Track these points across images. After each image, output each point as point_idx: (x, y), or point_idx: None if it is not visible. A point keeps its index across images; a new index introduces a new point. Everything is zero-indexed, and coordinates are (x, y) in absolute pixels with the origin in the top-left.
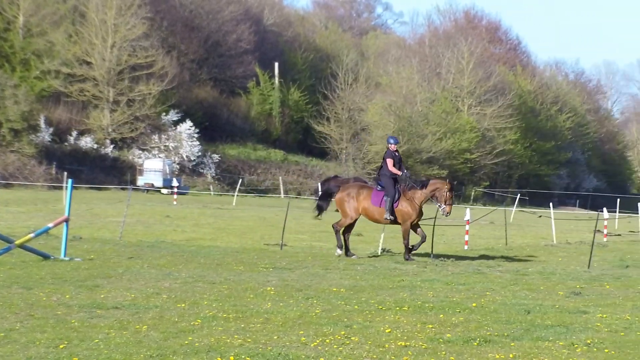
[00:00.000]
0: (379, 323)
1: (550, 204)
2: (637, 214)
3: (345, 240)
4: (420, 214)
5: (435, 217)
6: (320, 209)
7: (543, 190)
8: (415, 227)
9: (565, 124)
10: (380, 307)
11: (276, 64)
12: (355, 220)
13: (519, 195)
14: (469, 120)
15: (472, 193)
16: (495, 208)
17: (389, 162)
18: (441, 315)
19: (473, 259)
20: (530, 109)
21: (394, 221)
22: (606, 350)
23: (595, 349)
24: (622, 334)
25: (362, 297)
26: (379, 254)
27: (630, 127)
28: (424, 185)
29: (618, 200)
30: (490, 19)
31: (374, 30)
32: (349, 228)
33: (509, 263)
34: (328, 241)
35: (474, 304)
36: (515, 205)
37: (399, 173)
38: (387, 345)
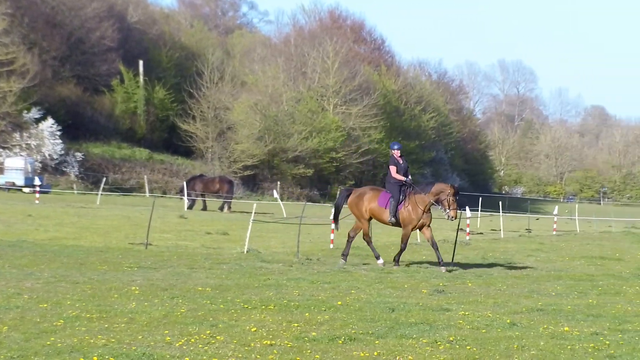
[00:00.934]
0: (244, 322)
1: None
2: (499, 212)
3: (348, 244)
4: (424, 218)
5: (302, 217)
6: (336, 217)
7: None
8: (426, 232)
9: (428, 124)
10: (246, 306)
11: (140, 62)
12: (368, 221)
13: None
14: (334, 119)
15: (338, 191)
16: None
17: (392, 169)
18: (307, 314)
19: (339, 257)
20: (395, 109)
21: (397, 224)
22: (468, 347)
23: (457, 346)
24: (483, 331)
25: (228, 296)
26: (245, 252)
27: (492, 127)
28: (428, 190)
29: (480, 199)
30: (355, 18)
31: (239, 29)
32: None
33: (374, 262)
34: (194, 240)
35: (339, 302)
36: None
37: (403, 179)
38: (252, 344)
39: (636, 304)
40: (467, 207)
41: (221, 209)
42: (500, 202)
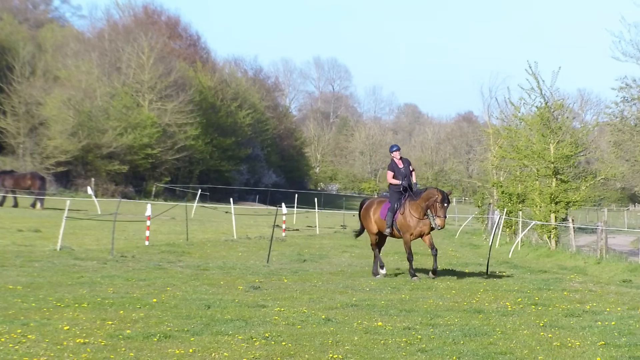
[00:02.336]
0: (57, 320)
1: (231, 200)
2: (315, 209)
3: (376, 257)
4: (421, 226)
5: (116, 213)
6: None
7: (224, 185)
8: (426, 239)
9: (245, 121)
10: (58, 304)
11: None
12: (377, 234)
13: (200, 190)
14: (149, 115)
15: (154, 188)
16: (176, 203)
17: (389, 175)
18: (121, 312)
19: (154, 254)
20: (211, 105)
21: (394, 235)
22: (283, 343)
23: (273, 342)
24: (299, 326)
25: (40, 294)
26: (58, 250)
27: (308, 124)
28: (419, 195)
29: (296, 195)
30: (170, 14)
31: (51, 23)
32: (380, 245)
33: (190, 258)
34: (4, 237)
35: (155, 300)
36: (196, 200)
37: (398, 183)
38: (65, 343)
39: (447, 298)
40: (282, 204)
41: (33, 205)
42: (315, 199)
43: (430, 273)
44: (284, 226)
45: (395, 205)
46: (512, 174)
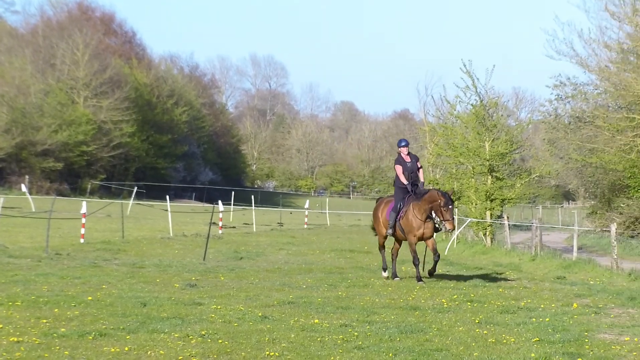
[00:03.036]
0: None
1: (167, 197)
2: (251, 206)
3: (392, 261)
4: (424, 228)
5: (51, 211)
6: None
7: (160, 183)
8: (429, 243)
9: (181, 118)
10: None
11: None
12: (387, 237)
13: (136, 188)
14: (85, 112)
15: (89, 186)
16: (112, 201)
17: (398, 169)
18: (56, 310)
19: (89, 252)
20: (147, 102)
21: (395, 235)
22: (220, 341)
23: (209, 340)
24: (235, 324)
25: None
26: None
27: (244, 121)
28: (421, 196)
29: (233, 193)
30: (105, 10)
31: None
32: (397, 246)
33: (126, 256)
34: None
35: (90, 298)
36: (132, 198)
37: (406, 182)
38: None
39: (383, 295)
40: (219, 201)
41: None
42: (252, 196)
43: (427, 272)
44: (220, 224)
45: (399, 205)
46: (448, 171)
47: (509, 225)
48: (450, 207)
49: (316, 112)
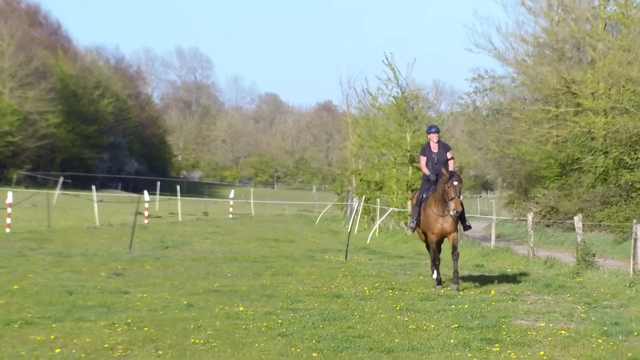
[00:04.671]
0: None
1: (93, 187)
2: (177, 196)
3: (440, 270)
4: (442, 222)
5: None
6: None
7: (86, 173)
8: (450, 238)
9: (107, 109)
10: None
11: None
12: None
13: (62, 178)
14: (10, 103)
15: (15, 176)
16: (38, 191)
17: (421, 160)
18: None
19: (15, 241)
20: (73, 93)
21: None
22: (145, 329)
23: (135, 328)
24: (161, 312)
25: None
26: None
27: (170, 112)
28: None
29: (159, 183)
30: (30, 2)
31: None
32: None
33: (52, 245)
34: None
35: (16, 287)
36: (58, 188)
37: (427, 173)
38: None
39: (307, 283)
40: (145, 191)
41: None
42: (178, 186)
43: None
44: (146, 213)
45: (422, 196)
46: (370, 162)
47: None
48: (455, 183)
49: (241, 104)
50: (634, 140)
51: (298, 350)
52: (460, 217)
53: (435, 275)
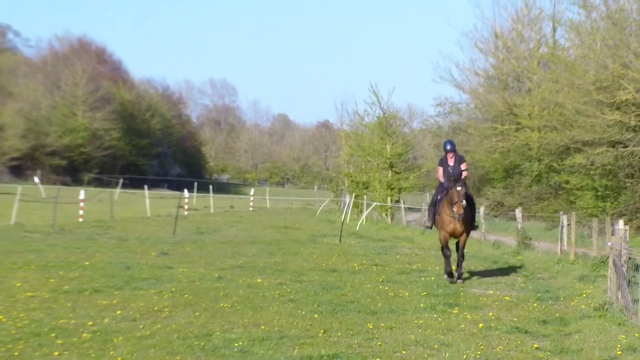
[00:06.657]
0: (11, 279)
1: (146, 187)
2: (210, 194)
3: (450, 262)
4: (453, 223)
5: (57, 197)
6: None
7: (140, 176)
8: (460, 239)
9: (156, 126)
10: (12, 266)
11: None
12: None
13: (121, 180)
14: (82, 122)
15: (86, 178)
16: (103, 189)
17: (439, 171)
18: (61, 272)
19: (86, 228)
20: (130, 114)
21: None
22: (185, 296)
23: (177, 295)
24: (197, 283)
25: None
26: (12, 224)
27: (204, 129)
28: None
29: (196, 183)
30: (98, 44)
31: (6, 52)
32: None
33: (114, 231)
34: None
35: (87, 263)
36: (119, 187)
37: (442, 181)
38: (17, 296)
39: (310, 261)
40: (185, 190)
41: None
42: (210, 186)
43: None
44: (186, 207)
45: (437, 198)
46: (359, 167)
47: (404, 207)
48: (459, 189)
49: (259, 122)
50: (561, 150)
51: (303, 312)
52: (470, 218)
53: (447, 268)
